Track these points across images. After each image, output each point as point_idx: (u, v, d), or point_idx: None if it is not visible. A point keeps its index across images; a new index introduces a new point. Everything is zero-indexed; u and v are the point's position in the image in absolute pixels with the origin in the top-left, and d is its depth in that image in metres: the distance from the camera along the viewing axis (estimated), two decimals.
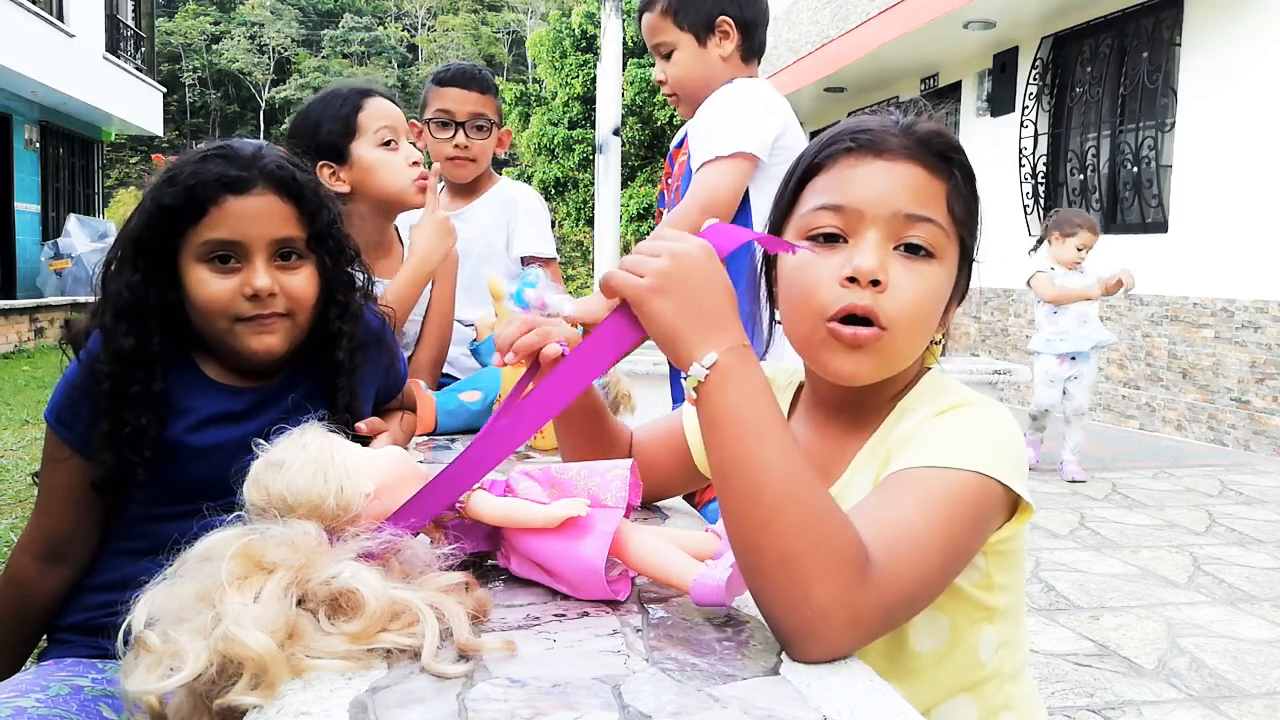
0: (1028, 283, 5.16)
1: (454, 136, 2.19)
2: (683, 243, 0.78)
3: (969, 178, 0.93)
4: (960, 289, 0.96)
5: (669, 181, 1.98)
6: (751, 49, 1.92)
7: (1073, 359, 5.08)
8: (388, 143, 1.77)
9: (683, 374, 0.76)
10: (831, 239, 0.89)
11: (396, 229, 1.97)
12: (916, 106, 0.95)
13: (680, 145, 1.95)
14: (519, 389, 0.96)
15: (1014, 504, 0.85)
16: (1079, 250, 5.03)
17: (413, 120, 2.06)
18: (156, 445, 1.16)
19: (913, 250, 0.88)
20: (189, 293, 1.17)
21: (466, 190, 2.29)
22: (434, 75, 2.24)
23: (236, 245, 1.16)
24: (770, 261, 0.98)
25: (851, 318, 0.87)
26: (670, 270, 0.76)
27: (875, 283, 0.86)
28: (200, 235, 1.15)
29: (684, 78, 1.90)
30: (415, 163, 1.77)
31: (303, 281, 1.21)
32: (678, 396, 1.95)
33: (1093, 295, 4.99)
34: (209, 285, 1.16)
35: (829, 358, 0.89)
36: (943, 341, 0.99)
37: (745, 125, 1.75)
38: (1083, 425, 5.17)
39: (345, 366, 1.27)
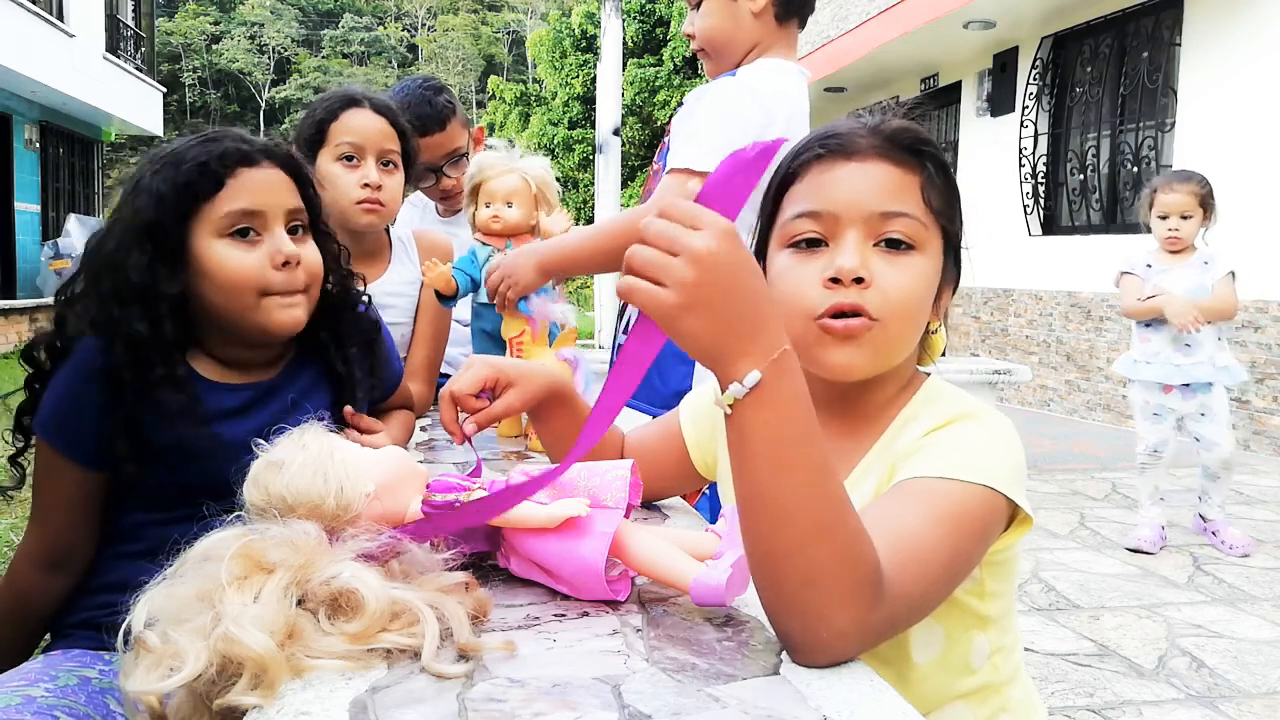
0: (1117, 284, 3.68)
1: (439, 183, 2.18)
2: (704, 239, 0.66)
3: (941, 168, 0.93)
4: (953, 276, 0.97)
5: (665, 140, 1.90)
6: (789, 8, 1.75)
7: (1187, 387, 3.57)
8: (350, 159, 1.74)
9: (717, 389, 0.70)
10: (814, 244, 0.91)
11: (388, 230, 1.96)
12: (882, 106, 0.96)
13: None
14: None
15: (1012, 514, 0.85)
16: (1163, 220, 3.48)
17: None
18: (199, 423, 1.13)
19: (893, 245, 0.89)
20: (210, 271, 1.14)
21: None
22: None
23: (258, 215, 1.15)
24: (759, 255, 0.99)
25: (841, 313, 0.88)
26: (699, 281, 0.65)
27: (860, 280, 0.87)
28: (219, 208, 1.14)
29: (711, 32, 1.76)
30: (368, 185, 1.73)
31: (314, 253, 1.22)
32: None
33: (1169, 314, 3.37)
34: (235, 259, 1.14)
35: (822, 353, 0.89)
36: (939, 329, 0.99)
37: (720, 137, 1.59)
38: (1230, 478, 3.70)
39: (360, 330, 1.31)
